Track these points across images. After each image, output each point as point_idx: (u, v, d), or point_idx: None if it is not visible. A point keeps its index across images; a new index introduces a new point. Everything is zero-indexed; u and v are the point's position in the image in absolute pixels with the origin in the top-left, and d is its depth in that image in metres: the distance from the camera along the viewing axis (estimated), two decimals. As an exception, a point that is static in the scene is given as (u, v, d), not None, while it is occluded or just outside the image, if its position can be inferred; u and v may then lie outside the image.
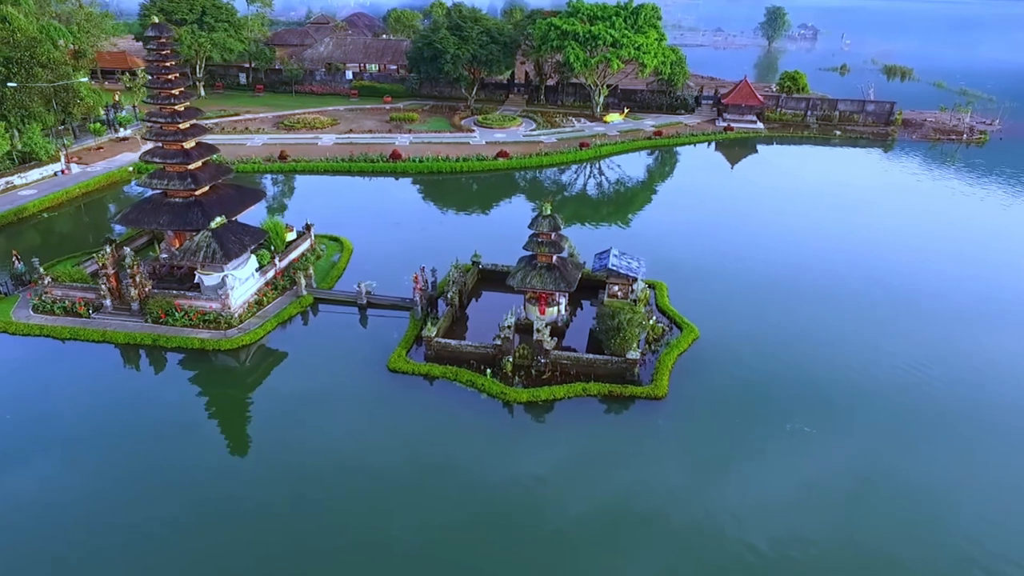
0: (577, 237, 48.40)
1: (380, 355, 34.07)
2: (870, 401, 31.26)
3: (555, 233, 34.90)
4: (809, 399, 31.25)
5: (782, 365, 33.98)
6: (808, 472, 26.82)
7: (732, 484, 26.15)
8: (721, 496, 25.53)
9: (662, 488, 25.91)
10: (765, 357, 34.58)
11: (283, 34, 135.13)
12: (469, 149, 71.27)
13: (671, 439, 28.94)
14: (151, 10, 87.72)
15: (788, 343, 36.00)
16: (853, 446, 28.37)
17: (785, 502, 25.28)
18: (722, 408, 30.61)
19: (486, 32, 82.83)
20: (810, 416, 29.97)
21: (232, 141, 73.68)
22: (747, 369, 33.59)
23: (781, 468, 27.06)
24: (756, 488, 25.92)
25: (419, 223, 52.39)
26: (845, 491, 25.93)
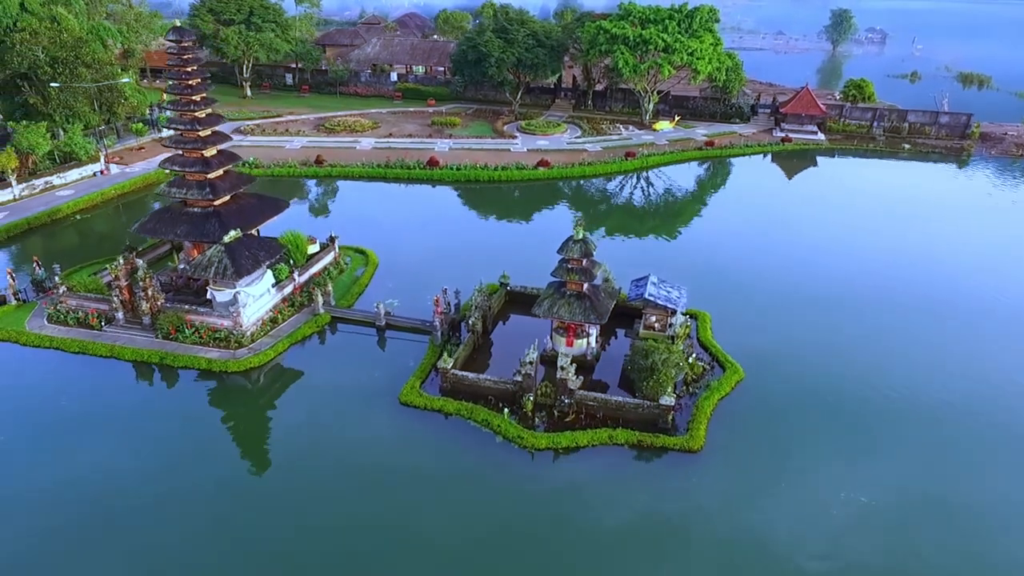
0: (617, 255, 45.31)
1: (393, 384, 31.72)
2: (936, 429, 27.34)
3: (587, 260, 31.93)
4: (868, 456, 27.50)
5: (839, 413, 30.21)
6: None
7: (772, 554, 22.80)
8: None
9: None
10: (819, 401, 30.86)
11: (333, 34, 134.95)
12: (509, 156, 68.66)
13: (703, 502, 25.63)
14: (200, 10, 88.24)
15: (847, 387, 32.14)
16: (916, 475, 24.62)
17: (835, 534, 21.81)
18: (764, 466, 27.13)
19: (532, 35, 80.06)
20: (873, 485, 26.26)
21: (271, 143, 72.95)
22: (797, 417, 29.97)
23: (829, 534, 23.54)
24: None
25: (450, 235, 50.03)
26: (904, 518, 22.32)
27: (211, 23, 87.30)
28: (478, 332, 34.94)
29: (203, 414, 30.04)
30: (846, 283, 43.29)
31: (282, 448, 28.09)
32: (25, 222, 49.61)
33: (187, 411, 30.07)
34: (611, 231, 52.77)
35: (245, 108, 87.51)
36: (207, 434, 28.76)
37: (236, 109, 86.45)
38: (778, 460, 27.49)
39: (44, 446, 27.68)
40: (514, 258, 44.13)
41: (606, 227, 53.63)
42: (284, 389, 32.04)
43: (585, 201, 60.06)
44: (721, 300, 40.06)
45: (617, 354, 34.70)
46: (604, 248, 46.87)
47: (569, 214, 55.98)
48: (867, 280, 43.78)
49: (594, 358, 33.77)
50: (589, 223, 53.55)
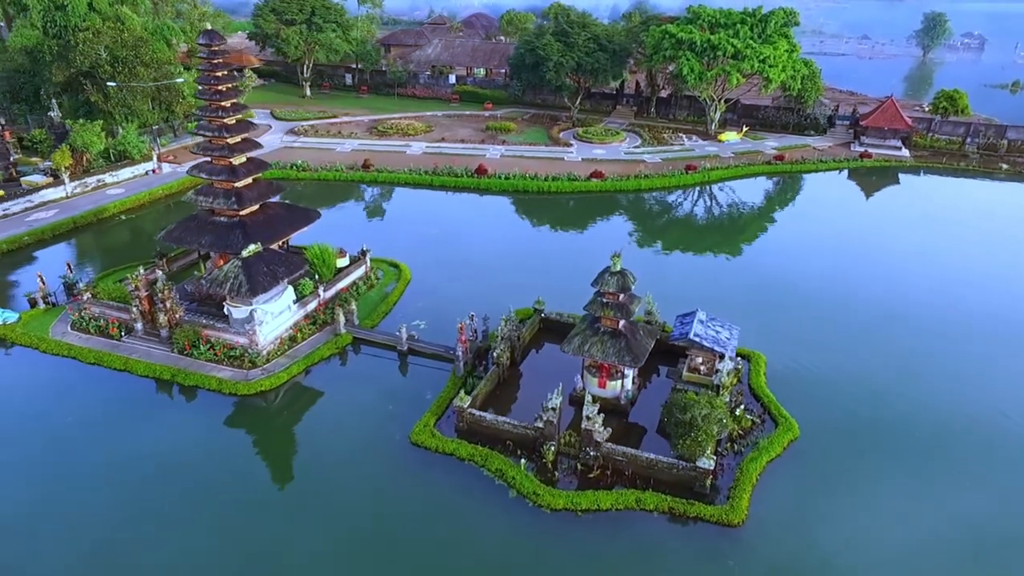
0: (666, 280, 42.03)
1: (407, 418, 29.32)
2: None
3: (624, 294, 28.69)
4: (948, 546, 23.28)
5: (905, 482, 25.99)
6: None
7: None
8: None
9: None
10: (891, 469, 26.66)
11: (399, 34, 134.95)
12: (562, 166, 65.57)
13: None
14: (264, 10, 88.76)
15: (923, 453, 27.75)
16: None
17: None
18: (818, 551, 23.31)
19: (594, 39, 76.58)
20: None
21: (322, 145, 72.25)
22: (863, 489, 25.89)
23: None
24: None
25: (491, 249, 47.39)
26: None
27: (274, 23, 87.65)
28: (503, 365, 32.16)
29: (199, 442, 28.14)
30: (932, 324, 38.35)
31: (270, 488, 26.05)
32: (71, 221, 49.93)
33: (184, 438, 28.29)
34: (663, 252, 49.05)
35: (303, 108, 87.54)
36: (196, 463, 26.89)
37: (294, 109, 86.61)
38: (834, 544, 23.61)
39: (34, 462, 26.60)
40: (556, 278, 41.24)
41: (658, 246, 49.97)
42: (289, 419, 30.11)
43: (638, 217, 56.38)
44: (780, 338, 36.03)
45: (657, 396, 31.25)
46: (653, 272, 43.56)
47: (620, 231, 52.47)
48: (958, 319, 38.70)
49: (629, 402, 30.45)
50: (639, 242, 50.33)
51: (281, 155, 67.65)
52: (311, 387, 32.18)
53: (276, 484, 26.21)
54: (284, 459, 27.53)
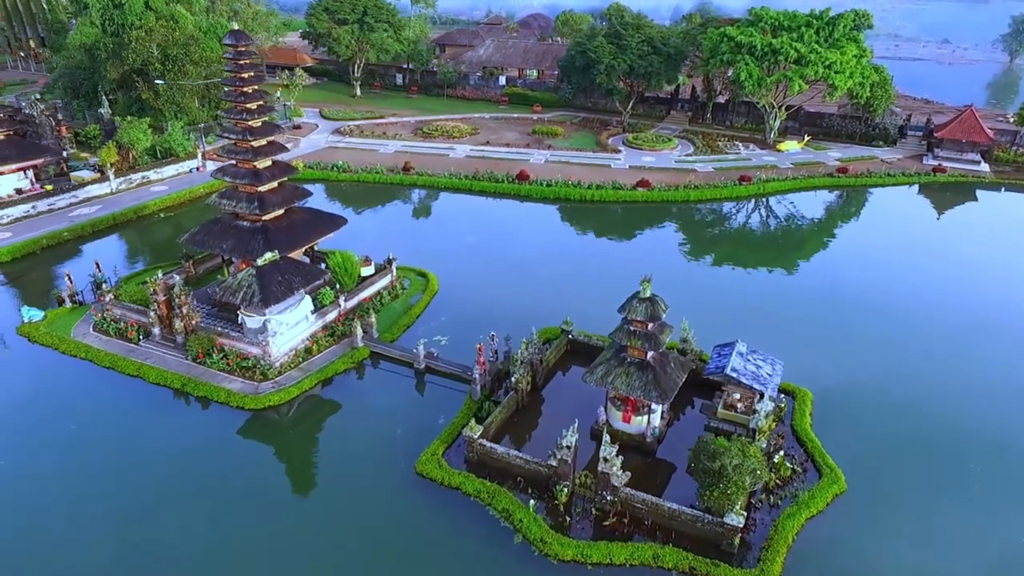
0: (708, 303, 39.14)
1: (416, 444, 27.57)
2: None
3: (653, 323, 26.19)
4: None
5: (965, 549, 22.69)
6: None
7: None
8: None
9: None
10: (945, 528, 23.40)
11: (453, 34, 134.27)
12: (608, 173, 62.92)
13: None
14: (316, 9, 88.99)
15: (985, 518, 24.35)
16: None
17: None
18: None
19: (648, 41, 73.51)
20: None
21: (366, 146, 71.57)
22: (915, 558, 22.74)
23: None
24: None
25: (526, 259, 45.29)
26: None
27: (326, 22, 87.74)
28: (522, 391, 30.05)
29: (196, 459, 26.98)
30: (1014, 359, 34.32)
31: (260, 514, 24.60)
32: (111, 218, 50.31)
33: (182, 453, 27.21)
34: (709, 269, 45.98)
35: (351, 108, 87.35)
36: (188, 481, 25.82)
37: (342, 108, 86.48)
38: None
39: (21, 469, 26.00)
40: (592, 294, 38.80)
41: (704, 263, 46.92)
42: (293, 438, 28.76)
43: (685, 230, 53.26)
44: (833, 371, 32.89)
45: (688, 433, 28.54)
46: (696, 291, 40.79)
47: (664, 245, 49.64)
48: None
49: (655, 439, 27.90)
50: (684, 257, 47.35)
51: (324, 155, 67.23)
52: (321, 404, 30.83)
53: (266, 511, 24.77)
54: (280, 483, 26.09)
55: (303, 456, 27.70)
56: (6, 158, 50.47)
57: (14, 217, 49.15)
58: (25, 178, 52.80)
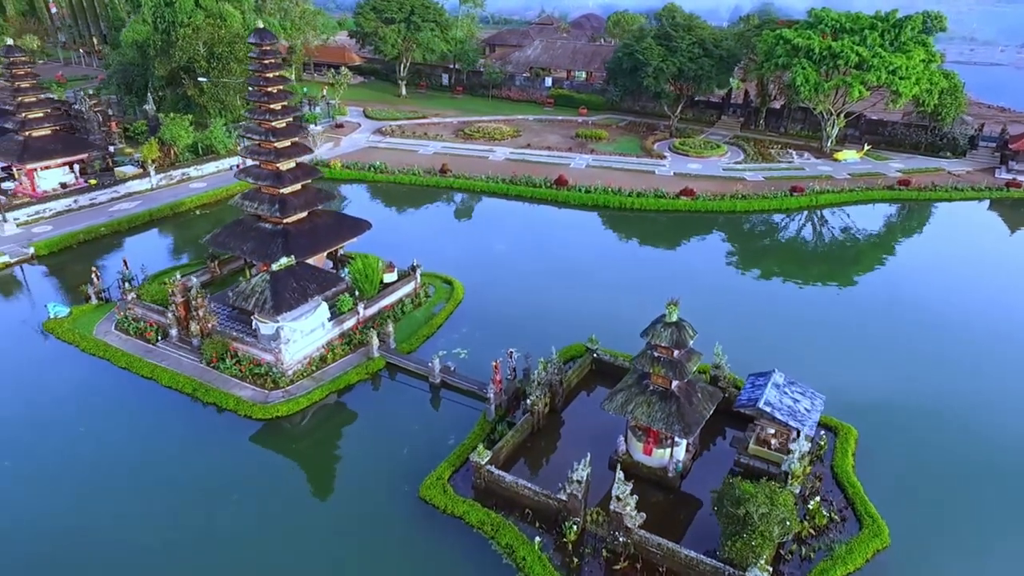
0: (747, 325, 36.70)
1: (423, 465, 26.16)
2: None
3: (679, 350, 24.13)
4: None
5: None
6: None
7: None
8: None
9: None
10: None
11: (504, 34, 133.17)
12: (651, 180, 60.49)
13: None
14: (364, 8, 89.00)
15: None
16: None
17: None
18: None
19: (699, 43, 70.61)
20: None
21: (406, 146, 70.90)
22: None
23: None
24: None
25: (557, 269, 43.46)
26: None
27: (373, 21, 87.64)
28: (538, 413, 28.32)
29: (193, 471, 26.09)
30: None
31: (252, 529, 23.58)
32: (148, 214, 50.70)
33: (180, 465, 26.37)
34: (751, 288, 43.26)
35: (395, 107, 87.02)
36: (183, 494, 25.01)
37: (386, 108, 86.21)
38: None
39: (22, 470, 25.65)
40: (623, 309, 36.75)
41: (747, 279, 44.19)
42: (296, 452, 27.69)
43: (729, 243, 50.45)
44: (882, 406, 30.13)
45: (716, 468, 26.47)
46: (734, 312, 38.29)
47: (706, 258, 47.06)
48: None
49: (679, 474, 25.79)
50: (725, 273, 44.61)
51: (363, 155, 66.80)
52: (329, 417, 29.74)
53: (260, 529, 23.72)
54: (277, 500, 24.95)
55: (304, 472, 26.60)
56: (52, 153, 51.48)
57: (56, 211, 50.02)
58: (71, 172, 53.81)
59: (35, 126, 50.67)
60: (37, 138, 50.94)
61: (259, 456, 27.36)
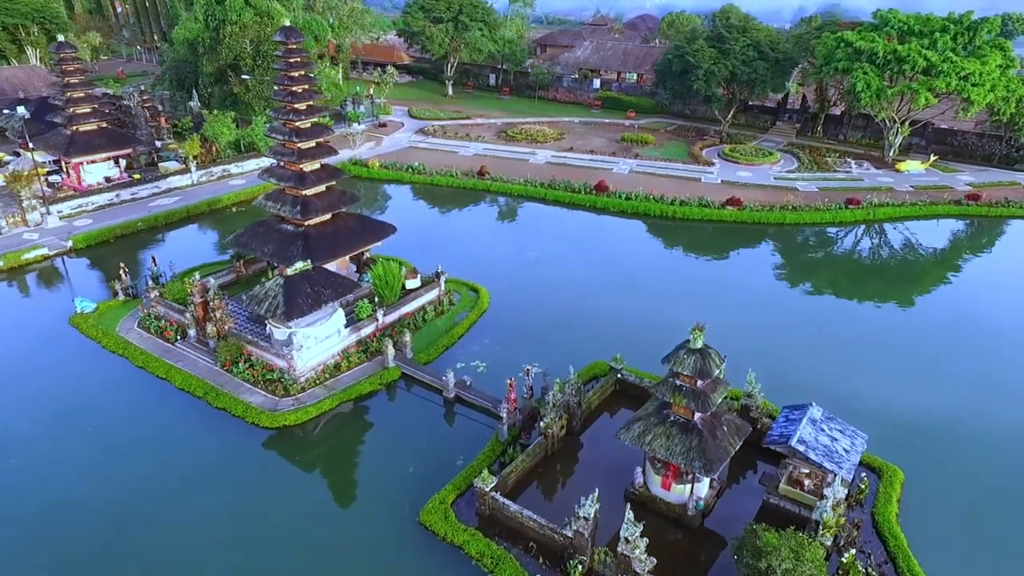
0: (789, 349, 34.19)
1: (427, 486, 24.87)
2: None
3: (703, 380, 22.14)
4: None
5: None
6: None
7: None
8: None
9: None
10: None
11: (555, 35, 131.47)
12: (696, 188, 57.95)
13: None
14: (413, 8, 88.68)
15: None
16: None
17: None
18: None
19: (754, 45, 67.47)
20: None
21: (447, 147, 70.04)
22: None
23: None
24: None
25: (591, 280, 41.62)
26: None
27: (421, 20, 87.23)
28: (552, 437, 26.66)
29: (191, 480, 25.41)
30: None
31: (250, 547, 22.68)
32: (184, 210, 51.10)
33: (179, 473, 25.68)
34: (797, 307, 40.51)
35: (440, 107, 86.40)
36: (178, 504, 24.33)
37: (431, 108, 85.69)
38: None
39: (46, 480, 25.44)
40: (656, 326, 34.73)
41: (793, 298, 41.45)
42: (297, 464, 26.69)
43: (775, 258, 47.62)
44: (936, 447, 27.42)
45: (742, 507, 24.38)
46: (777, 333, 35.79)
47: (750, 273, 44.38)
48: None
49: (700, 512, 23.75)
50: (769, 290, 41.88)
51: (403, 155, 66.23)
52: (336, 429, 28.70)
53: (252, 546, 22.82)
54: (272, 516, 23.99)
55: (304, 485, 25.60)
56: (97, 147, 52.42)
57: (98, 204, 50.89)
58: (115, 167, 54.78)
59: (82, 121, 51.70)
60: (83, 132, 51.94)
61: (261, 466, 26.53)
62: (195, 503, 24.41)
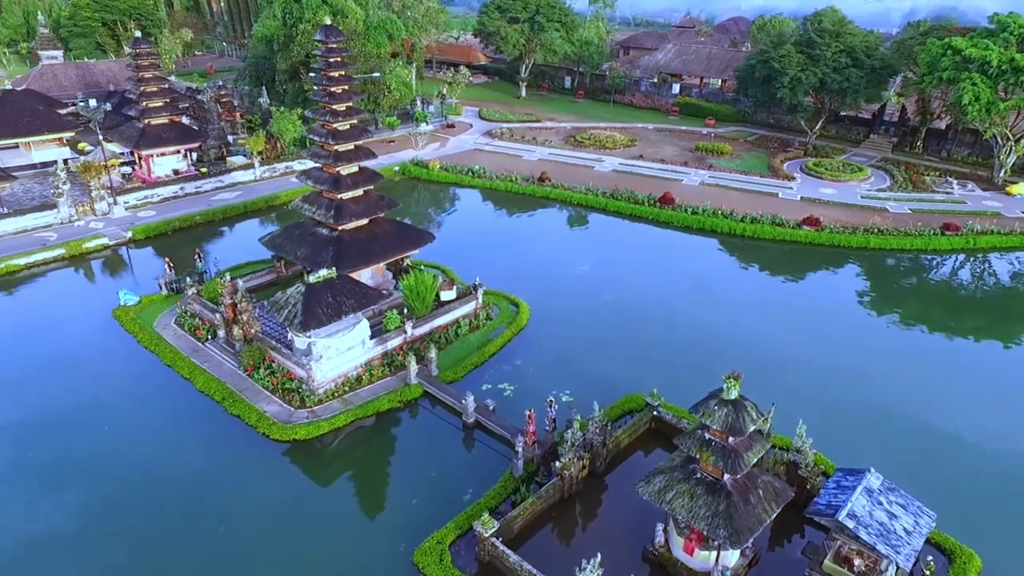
0: (863, 388, 30.33)
1: (427, 522, 23.03)
2: None
3: (735, 437, 19.27)
4: None
5: None
6: None
7: None
8: None
9: None
10: None
11: (640, 37, 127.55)
12: (771, 204, 53.69)
13: None
14: (490, 7, 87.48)
15: None
16: None
17: None
18: None
19: (847, 51, 62.05)
20: None
21: (512, 151, 68.32)
22: None
23: None
24: None
25: (641, 301, 38.76)
26: None
27: (497, 20, 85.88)
28: (569, 479, 24.27)
29: (187, 492, 24.47)
30: None
31: (222, 566, 21.53)
32: (243, 205, 51.62)
33: (179, 482, 24.89)
34: (872, 347, 36.13)
35: (511, 109, 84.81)
36: (169, 519, 23.47)
37: (502, 109, 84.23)
38: None
39: (55, 477, 25.32)
40: (707, 357, 31.86)
41: (867, 336, 37.05)
42: (300, 484, 25.41)
43: (855, 287, 43.04)
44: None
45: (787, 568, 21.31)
46: (844, 375, 31.86)
47: (822, 304, 40.22)
48: None
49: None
50: (845, 326, 37.50)
51: (465, 158, 65.00)
52: (344, 448, 27.29)
53: (229, 565, 21.68)
54: (262, 541, 22.75)
55: (300, 509, 24.17)
56: (166, 140, 53.81)
57: (163, 197, 52.16)
58: (184, 160, 56.14)
59: (153, 115, 53.15)
60: (154, 126, 53.41)
61: (259, 481, 25.37)
62: (181, 515, 23.53)
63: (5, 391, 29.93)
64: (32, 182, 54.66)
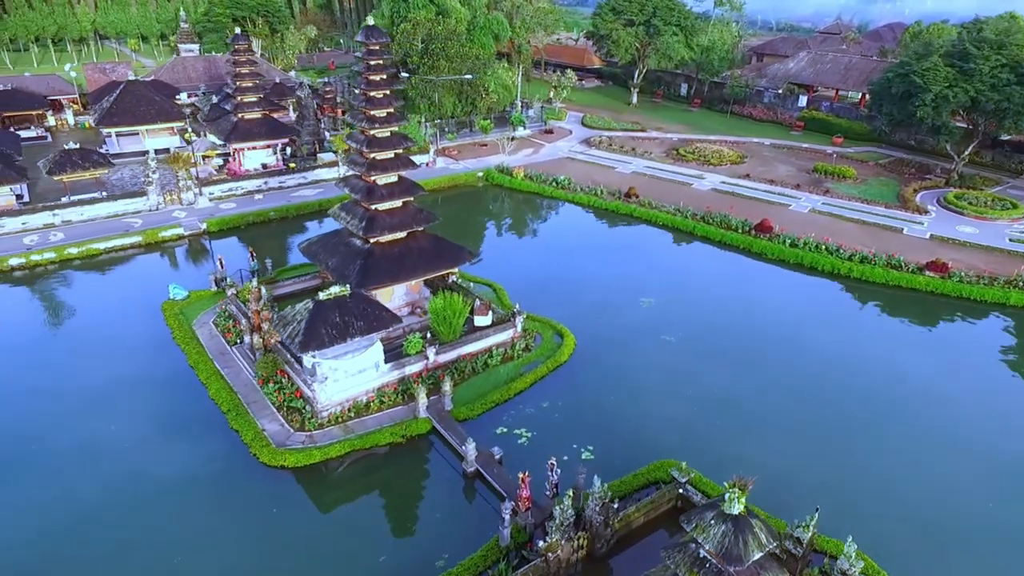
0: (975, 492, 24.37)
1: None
2: None
3: (734, 566, 14.97)
4: None
5: None
6: None
7: None
8: None
9: None
10: None
11: (776, 43, 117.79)
12: (893, 241, 46.31)
13: None
14: (604, 9, 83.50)
15: None
16: None
17: None
18: None
19: (1010, 66, 52.45)
20: None
21: (606, 161, 64.42)
22: None
23: None
24: None
25: (713, 349, 34.02)
26: None
27: (611, 22, 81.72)
28: (557, 562, 20.66)
29: (160, 511, 23.50)
30: None
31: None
32: (317, 203, 51.33)
33: (152, 496, 23.95)
34: (992, 440, 29.24)
35: (618, 117, 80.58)
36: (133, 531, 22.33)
37: (607, 116, 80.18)
38: None
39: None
40: (767, 427, 27.34)
41: (990, 415, 30.11)
42: (267, 520, 23.33)
43: (986, 352, 35.54)
44: None
45: None
46: (939, 486, 25.54)
47: (931, 372, 33.40)
48: None
49: None
50: (957, 400, 30.60)
51: (555, 167, 61.89)
52: (330, 483, 25.14)
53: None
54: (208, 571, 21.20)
55: (258, 547, 22.21)
56: (256, 135, 54.96)
57: (246, 190, 53.27)
58: (273, 155, 57.24)
59: (247, 109, 54.46)
60: (247, 120, 54.71)
61: (232, 510, 23.75)
62: (129, 541, 22.37)
63: (32, 369, 30.72)
64: (142, 168, 57.80)
